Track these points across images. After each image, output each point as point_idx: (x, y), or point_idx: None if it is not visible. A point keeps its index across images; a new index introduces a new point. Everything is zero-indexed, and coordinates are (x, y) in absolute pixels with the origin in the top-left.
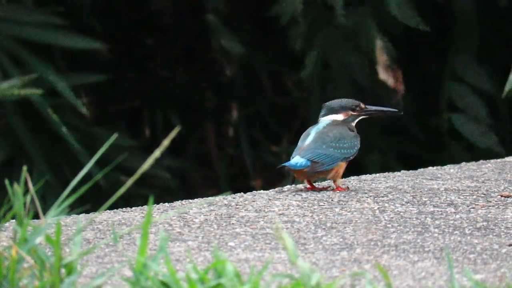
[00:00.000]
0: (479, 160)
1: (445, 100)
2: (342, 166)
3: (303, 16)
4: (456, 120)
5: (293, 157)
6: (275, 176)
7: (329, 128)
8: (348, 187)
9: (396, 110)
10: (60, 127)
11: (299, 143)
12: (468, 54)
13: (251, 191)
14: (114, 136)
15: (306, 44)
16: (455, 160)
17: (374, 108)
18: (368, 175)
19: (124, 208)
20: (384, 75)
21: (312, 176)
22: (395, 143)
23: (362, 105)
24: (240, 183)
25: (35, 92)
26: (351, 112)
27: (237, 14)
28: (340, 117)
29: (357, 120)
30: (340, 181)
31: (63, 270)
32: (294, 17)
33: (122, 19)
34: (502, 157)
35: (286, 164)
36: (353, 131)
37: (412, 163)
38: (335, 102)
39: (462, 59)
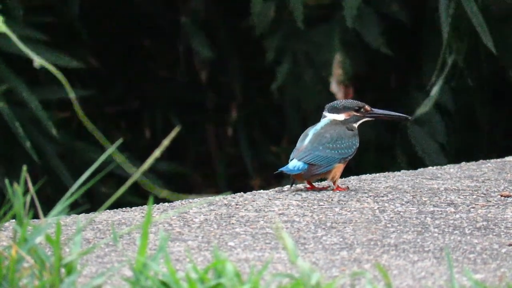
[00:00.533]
0: None
1: (407, 110)
2: (340, 167)
3: (275, 30)
4: (412, 132)
5: (291, 159)
6: (274, 176)
7: (327, 128)
8: (348, 187)
9: (404, 115)
10: (24, 140)
11: (297, 144)
12: (435, 69)
13: (251, 191)
14: (119, 141)
15: (278, 56)
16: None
17: (380, 111)
18: (368, 175)
19: (124, 208)
20: (335, 88)
21: (310, 178)
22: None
23: (367, 107)
24: (239, 183)
25: None
26: (354, 113)
27: (215, 19)
28: (341, 117)
29: (360, 122)
30: (340, 181)
31: (63, 270)
32: (267, 31)
33: (120, 21)
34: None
35: (284, 169)
36: (351, 130)
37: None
38: (337, 102)
39: (430, 73)
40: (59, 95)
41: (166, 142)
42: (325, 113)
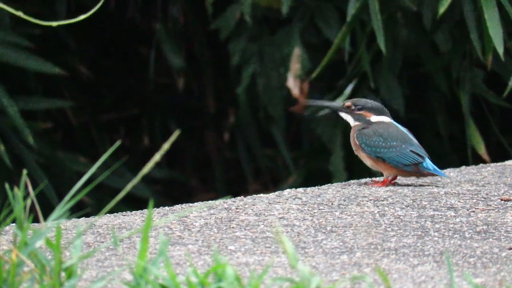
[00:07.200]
0: None
1: None
2: None
3: (240, 32)
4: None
5: (426, 157)
6: (270, 180)
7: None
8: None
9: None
10: None
11: (405, 135)
12: (391, 72)
13: (250, 195)
14: (118, 143)
15: (243, 59)
16: None
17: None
18: (367, 179)
19: (124, 212)
20: (291, 83)
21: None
22: None
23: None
24: (237, 187)
25: None
26: None
27: (192, 25)
28: None
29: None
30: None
31: (63, 274)
32: (232, 33)
33: (111, 30)
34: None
35: (441, 174)
36: None
37: None
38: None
39: (385, 75)
40: (45, 105)
41: (166, 146)
42: (380, 113)
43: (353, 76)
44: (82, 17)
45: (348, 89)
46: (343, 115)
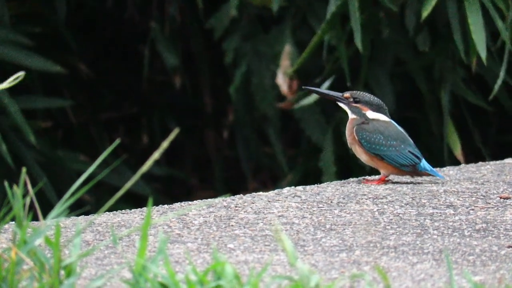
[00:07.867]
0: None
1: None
2: None
3: (234, 31)
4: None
5: (419, 157)
6: (270, 178)
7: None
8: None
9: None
10: (0, 144)
11: (403, 135)
12: (384, 71)
13: (249, 193)
14: (117, 142)
15: (236, 58)
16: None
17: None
18: (367, 176)
19: (123, 210)
20: (280, 80)
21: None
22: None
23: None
24: (236, 186)
25: None
26: None
27: (189, 24)
28: None
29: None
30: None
31: (62, 272)
32: (226, 32)
33: (111, 29)
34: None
35: (438, 175)
36: None
37: None
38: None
39: (379, 74)
40: (45, 104)
41: (165, 144)
42: (377, 109)
43: (331, 73)
44: (10, 81)
45: (325, 86)
46: (342, 105)
